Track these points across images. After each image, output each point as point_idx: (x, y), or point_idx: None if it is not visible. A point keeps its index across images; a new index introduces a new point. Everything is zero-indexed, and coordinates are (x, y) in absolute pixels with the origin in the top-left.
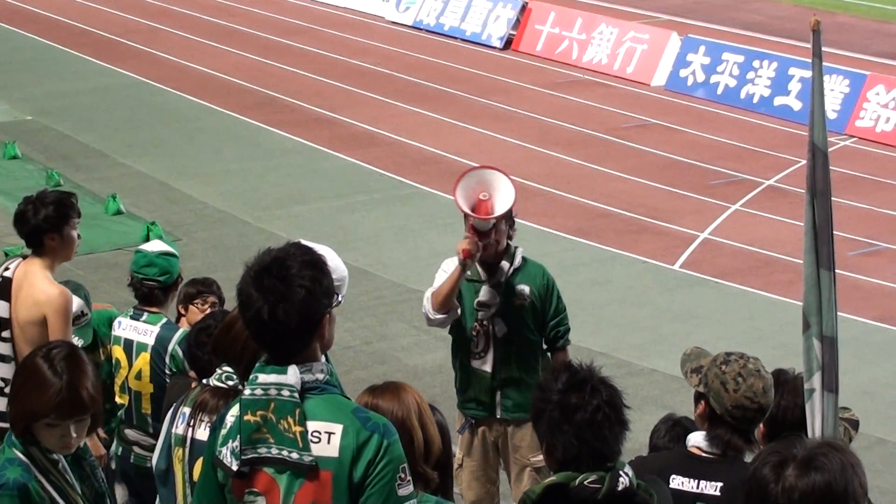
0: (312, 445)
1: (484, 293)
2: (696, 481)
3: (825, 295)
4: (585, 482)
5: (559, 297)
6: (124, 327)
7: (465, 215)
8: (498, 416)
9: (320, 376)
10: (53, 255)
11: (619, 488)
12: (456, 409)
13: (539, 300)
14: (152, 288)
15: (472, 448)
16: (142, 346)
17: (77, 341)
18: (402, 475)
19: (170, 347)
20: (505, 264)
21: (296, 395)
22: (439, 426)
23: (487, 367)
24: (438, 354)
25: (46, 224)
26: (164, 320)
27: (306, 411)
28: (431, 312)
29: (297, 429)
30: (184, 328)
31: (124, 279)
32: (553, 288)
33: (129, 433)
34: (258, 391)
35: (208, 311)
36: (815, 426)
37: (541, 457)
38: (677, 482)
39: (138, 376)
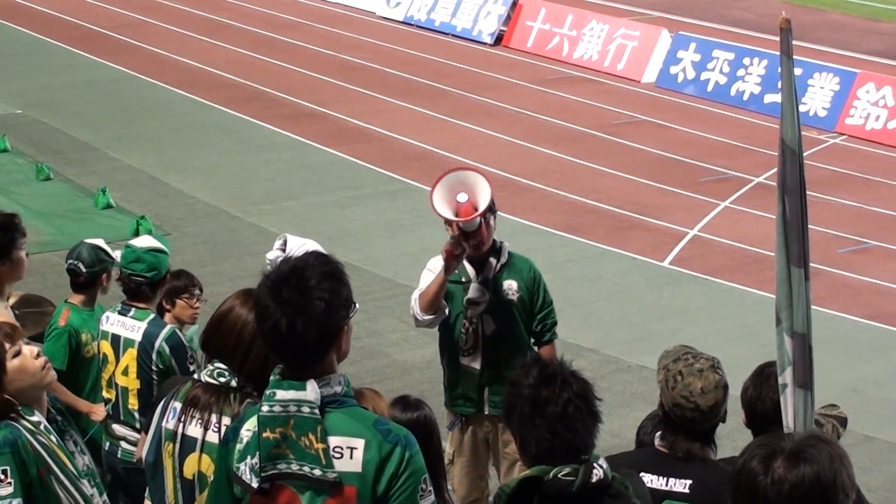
0: (335, 461)
1: (473, 291)
2: (665, 479)
3: (795, 291)
4: (559, 475)
5: (546, 291)
6: (112, 322)
7: (451, 222)
8: (486, 413)
9: (338, 389)
10: (3, 280)
11: (593, 480)
12: (444, 406)
13: (527, 294)
14: (139, 284)
15: (463, 445)
16: (129, 342)
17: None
18: (424, 486)
19: (157, 344)
20: (492, 260)
21: (316, 411)
22: (428, 422)
23: (477, 365)
24: (427, 350)
25: None
26: (152, 316)
27: (327, 427)
28: (420, 314)
29: (320, 445)
30: (171, 325)
31: (113, 273)
32: (540, 281)
33: (117, 428)
34: (277, 408)
35: (197, 305)
36: (788, 420)
37: None
38: (647, 479)
39: (125, 372)
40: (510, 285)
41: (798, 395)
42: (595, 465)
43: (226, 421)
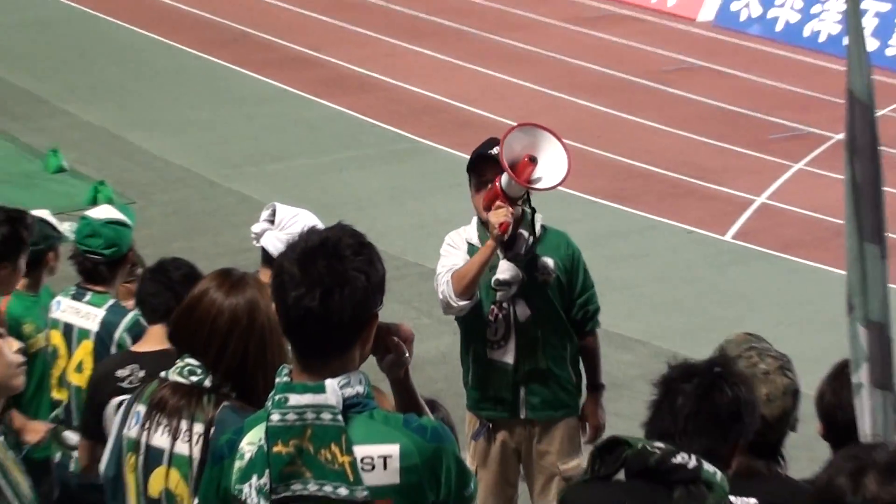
0: (364, 475)
1: (504, 269)
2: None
3: (870, 272)
4: (647, 446)
5: (586, 271)
6: (63, 308)
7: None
8: (522, 417)
9: (360, 388)
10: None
11: (674, 461)
12: (465, 409)
13: (565, 274)
14: (96, 263)
15: (489, 457)
16: (83, 333)
17: None
18: (460, 462)
19: (116, 335)
20: (524, 233)
21: (339, 417)
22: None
23: (509, 359)
24: (442, 341)
25: None
26: (112, 302)
27: (351, 436)
28: (454, 299)
29: (345, 459)
30: (133, 312)
31: (66, 251)
32: (580, 259)
33: (69, 436)
34: (290, 416)
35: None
36: (865, 427)
37: (572, 464)
38: None
39: (79, 368)
40: (546, 263)
41: (876, 397)
42: (687, 453)
43: (198, 428)
